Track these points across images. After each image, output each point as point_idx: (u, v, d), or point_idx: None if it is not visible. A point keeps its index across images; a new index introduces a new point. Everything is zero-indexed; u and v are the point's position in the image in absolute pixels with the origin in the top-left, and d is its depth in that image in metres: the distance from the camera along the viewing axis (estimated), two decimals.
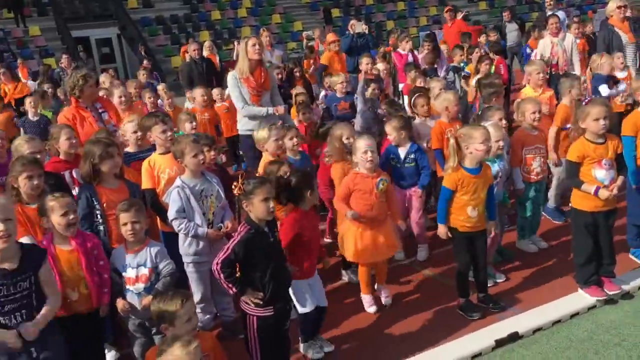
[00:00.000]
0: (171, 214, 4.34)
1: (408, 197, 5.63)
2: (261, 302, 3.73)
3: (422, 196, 5.65)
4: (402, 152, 5.57)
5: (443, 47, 11.03)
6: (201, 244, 4.40)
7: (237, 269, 3.74)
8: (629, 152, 5.09)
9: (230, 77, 6.54)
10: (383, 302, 4.90)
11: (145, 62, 15.66)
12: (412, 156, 5.57)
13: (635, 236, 5.34)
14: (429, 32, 14.45)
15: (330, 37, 11.66)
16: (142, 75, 11.66)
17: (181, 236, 4.44)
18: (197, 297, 4.50)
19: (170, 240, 4.59)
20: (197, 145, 4.43)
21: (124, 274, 3.85)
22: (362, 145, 4.57)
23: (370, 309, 4.84)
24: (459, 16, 13.11)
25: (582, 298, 4.74)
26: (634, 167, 5.06)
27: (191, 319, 3.23)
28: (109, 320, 4.19)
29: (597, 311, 4.64)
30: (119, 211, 3.87)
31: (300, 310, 4.16)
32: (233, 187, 3.79)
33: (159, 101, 9.08)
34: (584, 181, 4.58)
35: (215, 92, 9.23)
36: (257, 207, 3.69)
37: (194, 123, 6.58)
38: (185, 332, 3.11)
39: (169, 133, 4.98)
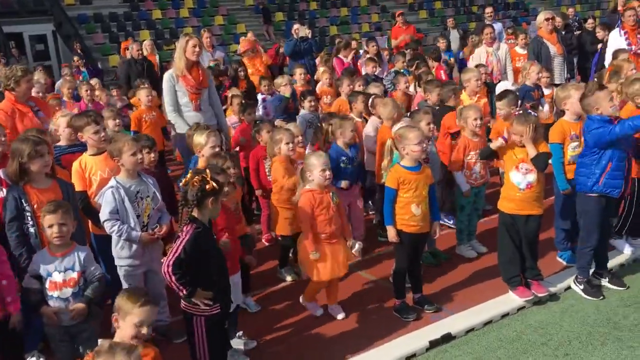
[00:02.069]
0: (104, 215, 4.21)
1: (353, 195, 5.73)
2: (211, 302, 3.67)
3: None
4: (350, 152, 5.65)
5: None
6: (134, 246, 4.29)
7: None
8: (557, 159, 5.30)
9: (166, 78, 6.43)
10: (339, 318, 4.83)
11: (75, 58, 15.14)
12: (357, 156, 5.74)
13: (563, 240, 5.56)
14: (371, 37, 14.64)
15: (244, 44, 11.86)
16: (67, 76, 11.21)
17: (114, 239, 4.31)
18: None
19: (102, 243, 4.47)
20: (136, 144, 4.34)
21: (49, 278, 3.68)
22: (320, 164, 4.54)
23: (318, 312, 4.83)
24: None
25: (512, 299, 4.89)
26: (562, 173, 5.26)
27: (142, 326, 3.11)
28: (39, 327, 4.01)
29: (526, 312, 4.81)
30: (44, 212, 3.72)
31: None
32: (196, 180, 3.62)
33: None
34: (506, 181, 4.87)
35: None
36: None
37: (118, 120, 6.42)
38: (131, 337, 3.02)
39: (102, 134, 4.82)
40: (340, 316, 4.82)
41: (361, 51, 12.20)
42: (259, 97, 8.53)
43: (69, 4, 24.82)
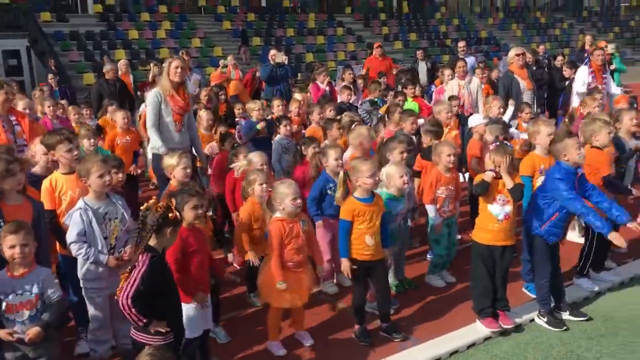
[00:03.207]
0: (71, 237, 4.16)
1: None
2: (165, 331, 3.60)
3: None
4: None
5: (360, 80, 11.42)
6: (100, 269, 4.24)
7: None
8: (527, 190, 5.40)
9: (153, 93, 6.43)
10: (306, 345, 4.80)
11: (50, 76, 15.01)
12: None
13: (529, 271, 5.63)
14: (347, 65, 14.86)
15: (215, 78, 11.95)
16: (39, 93, 11.08)
17: (80, 260, 4.25)
18: (94, 324, 4.32)
19: (69, 264, 4.40)
20: (105, 165, 4.29)
21: (6, 300, 3.59)
22: (290, 192, 4.52)
23: (280, 352, 4.71)
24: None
25: (478, 330, 4.94)
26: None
27: None
28: None
29: (492, 342, 4.85)
30: (5, 232, 3.64)
31: (188, 334, 4.03)
32: (159, 207, 3.58)
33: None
34: (479, 213, 4.93)
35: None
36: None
37: (93, 140, 6.36)
38: None
39: (75, 152, 4.78)
40: (308, 343, 4.81)
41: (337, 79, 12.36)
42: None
43: (46, 20, 24.73)
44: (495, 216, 4.82)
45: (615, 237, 4.62)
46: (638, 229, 4.77)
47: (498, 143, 4.97)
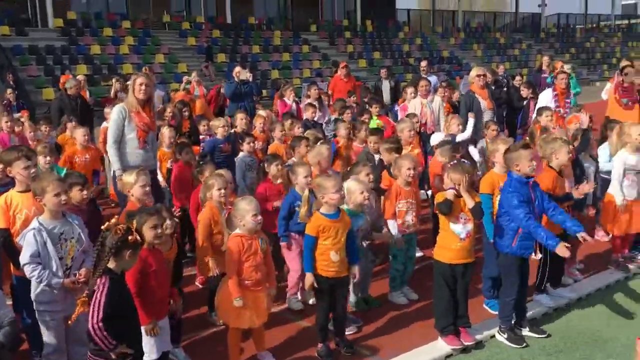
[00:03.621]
0: (24, 258, 4.02)
1: None
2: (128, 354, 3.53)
3: None
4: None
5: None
6: (55, 291, 4.11)
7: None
8: (487, 208, 5.50)
9: (118, 109, 6.35)
10: None
11: (9, 91, 14.68)
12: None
13: (490, 288, 5.73)
14: (312, 82, 14.93)
15: (178, 96, 11.93)
16: None
17: (33, 282, 4.12)
18: (48, 348, 4.18)
19: (23, 285, 4.27)
20: (61, 184, 4.18)
21: None
22: (251, 209, 4.50)
23: None
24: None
25: (440, 347, 4.96)
26: (490, 223, 5.45)
27: None
28: None
29: (453, 359, 4.88)
30: None
31: (147, 357, 3.98)
32: (119, 229, 3.50)
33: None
34: (440, 232, 4.98)
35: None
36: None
37: (49, 157, 6.24)
38: None
39: (33, 169, 4.68)
40: None
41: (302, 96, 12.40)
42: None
43: (4, 34, 24.24)
44: (457, 235, 4.87)
45: (560, 250, 4.64)
46: (587, 239, 4.83)
47: (455, 161, 5.04)
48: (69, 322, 3.62)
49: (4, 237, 4.37)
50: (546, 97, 9.71)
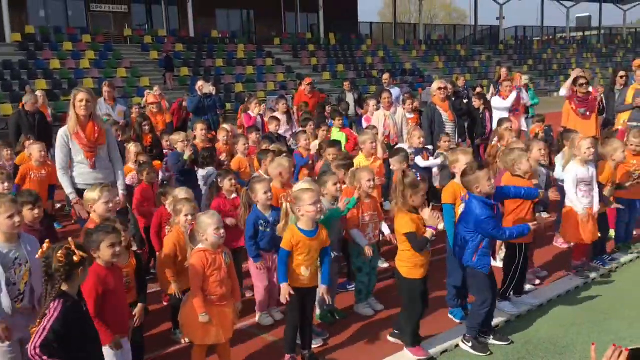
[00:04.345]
0: None
1: (273, 258, 5.66)
2: None
3: None
4: (271, 216, 5.58)
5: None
6: (6, 311, 3.93)
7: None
8: (449, 219, 5.59)
9: (60, 134, 6.17)
10: None
11: None
12: (277, 219, 5.51)
13: (454, 297, 5.79)
14: (280, 96, 14.94)
15: (151, 97, 11.85)
16: None
17: None
18: None
19: None
20: (14, 205, 4.02)
21: None
22: (213, 222, 4.45)
23: None
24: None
25: (406, 357, 4.99)
26: (453, 232, 5.52)
27: None
28: None
29: None
30: None
31: None
32: (60, 255, 3.35)
33: None
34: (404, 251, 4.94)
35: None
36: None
37: (7, 184, 6.06)
38: None
39: None
40: None
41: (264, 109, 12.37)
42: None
43: None
44: (426, 250, 4.92)
45: (534, 226, 5.10)
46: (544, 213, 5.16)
47: (403, 173, 5.06)
48: (27, 347, 3.47)
49: None
50: (497, 103, 10.22)
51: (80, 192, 5.93)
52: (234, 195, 6.10)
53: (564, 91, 9.90)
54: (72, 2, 30.75)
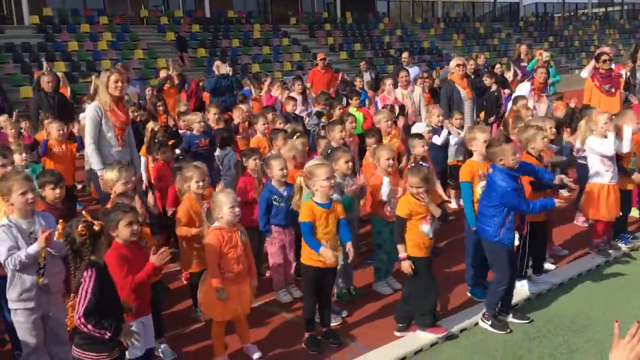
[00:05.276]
0: (2, 253, 3.93)
1: (290, 237, 5.73)
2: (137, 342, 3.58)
3: None
4: (285, 191, 5.65)
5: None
6: (27, 285, 4.01)
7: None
8: (467, 197, 5.56)
9: (93, 107, 6.19)
10: (254, 358, 4.75)
11: None
12: (292, 194, 5.66)
13: (473, 275, 5.77)
14: (297, 75, 14.88)
15: (163, 73, 11.87)
16: None
17: (9, 277, 4.03)
18: (26, 349, 4.11)
19: (2, 284, 4.20)
20: (27, 182, 4.07)
21: None
22: (228, 201, 4.49)
23: None
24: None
25: (425, 335, 4.99)
26: (472, 211, 5.49)
27: None
28: None
29: (438, 348, 4.91)
30: None
31: (131, 354, 3.96)
32: (57, 235, 3.49)
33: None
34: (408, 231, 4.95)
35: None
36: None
37: (25, 154, 6.16)
38: None
39: (9, 168, 4.62)
40: (256, 355, 4.76)
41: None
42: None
43: None
44: (426, 234, 4.92)
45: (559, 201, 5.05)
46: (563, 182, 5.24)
47: (413, 164, 5.06)
48: (67, 329, 3.55)
49: None
50: (523, 91, 9.82)
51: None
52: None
53: (585, 73, 9.73)
54: None
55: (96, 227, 3.42)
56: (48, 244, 3.93)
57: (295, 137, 6.50)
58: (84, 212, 3.57)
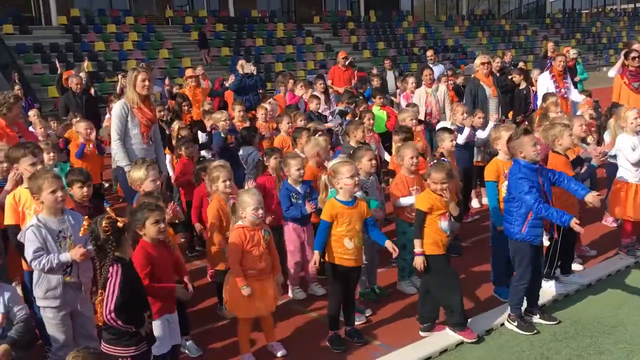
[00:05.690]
0: (29, 255, 4.01)
1: (308, 234, 5.76)
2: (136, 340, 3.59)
3: None
4: (301, 188, 5.71)
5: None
6: (53, 283, 4.08)
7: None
8: (492, 196, 5.52)
9: (120, 105, 6.27)
10: (279, 356, 4.78)
11: (17, 87, 14.79)
12: (309, 190, 5.77)
13: (498, 275, 5.71)
14: (319, 74, 14.88)
15: (189, 71, 11.90)
16: None
17: (35, 275, 4.10)
18: (55, 344, 4.18)
19: (32, 281, 4.28)
20: (57, 181, 4.15)
21: None
22: (253, 202, 4.51)
23: None
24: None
25: (450, 335, 4.96)
26: (497, 210, 5.44)
27: None
28: None
29: (464, 348, 4.87)
30: None
31: (157, 351, 3.99)
32: (82, 230, 3.58)
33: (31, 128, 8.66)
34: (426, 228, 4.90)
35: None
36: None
37: (53, 154, 6.26)
38: None
39: (40, 166, 4.70)
40: (280, 353, 4.78)
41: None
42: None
43: (8, 33, 24.31)
44: (445, 231, 4.90)
45: (575, 225, 4.63)
46: (593, 204, 4.88)
47: (435, 160, 5.01)
48: (99, 324, 3.63)
49: (15, 233, 4.38)
50: (544, 81, 9.69)
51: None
52: None
53: (613, 72, 9.56)
54: None
55: (120, 224, 3.48)
56: (80, 260, 4.02)
57: (317, 135, 6.52)
58: (108, 208, 3.63)
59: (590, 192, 4.90)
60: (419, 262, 4.87)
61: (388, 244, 4.80)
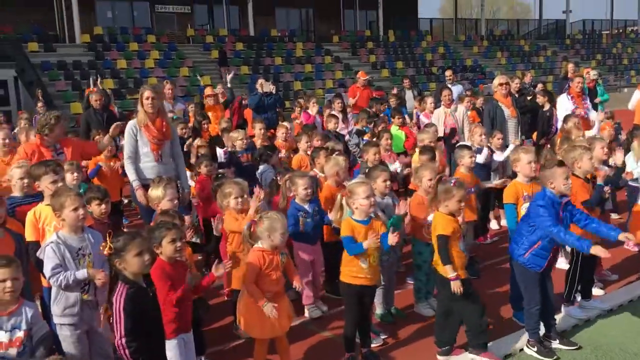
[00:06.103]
0: (47, 271, 4.04)
1: (317, 253, 5.78)
2: None
3: None
4: (309, 207, 5.72)
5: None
6: (70, 300, 4.11)
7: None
8: (511, 219, 5.47)
9: (129, 126, 6.41)
10: None
11: (39, 104, 15.07)
12: (317, 209, 5.78)
13: (517, 299, 5.63)
14: (337, 93, 14.95)
15: (208, 90, 12.00)
16: (24, 122, 11.25)
17: (53, 292, 4.13)
18: None
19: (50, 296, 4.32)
20: (79, 199, 4.19)
21: None
22: (281, 226, 4.50)
23: None
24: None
25: (468, 358, 4.88)
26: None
27: None
28: None
29: None
30: None
31: None
32: (101, 247, 3.63)
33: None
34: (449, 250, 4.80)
35: None
36: (130, 263, 3.60)
37: (77, 174, 6.30)
38: None
39: (60, 184, 4.76)
40: None
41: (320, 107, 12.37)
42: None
43: (33, 50, 24.82)
44: (463, 252, 4.86)
45: (597, 250, 4.53)
46: (629, 240, 4.75)
47: (454, 181, 4.95)
48: (101, 325, 3.64)
49: (35, 250, 4.43)
50: (563, 102, 9.66)
51: (144, 186, 6.13)
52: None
53: (632, 105, 9.50)
54: (138, 3, 31.75)
55: (105, 252, 3.57)
56: (99, 285, 4.05)
57: (335, 154, 6.53)
58: (109, 231, 3.69)
59: (621, 232, 4.77)
60: (457, 285, 4.69)
61: (390, 238, 4.69)
